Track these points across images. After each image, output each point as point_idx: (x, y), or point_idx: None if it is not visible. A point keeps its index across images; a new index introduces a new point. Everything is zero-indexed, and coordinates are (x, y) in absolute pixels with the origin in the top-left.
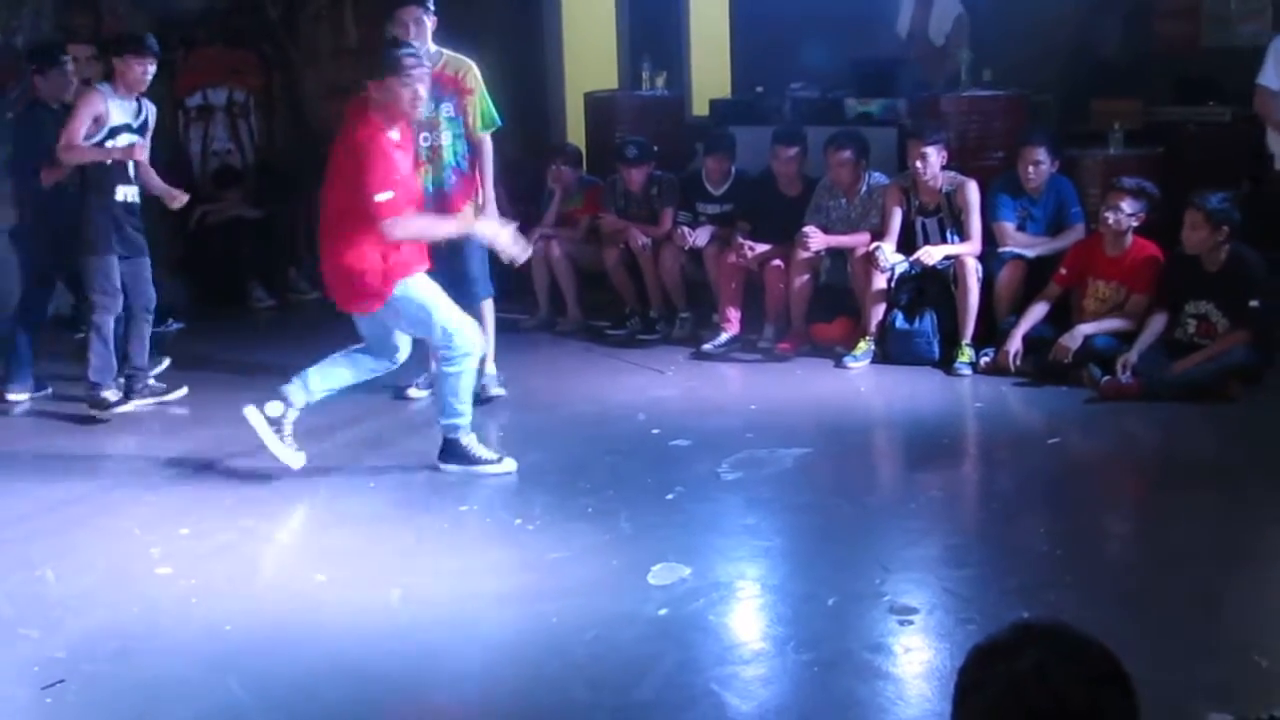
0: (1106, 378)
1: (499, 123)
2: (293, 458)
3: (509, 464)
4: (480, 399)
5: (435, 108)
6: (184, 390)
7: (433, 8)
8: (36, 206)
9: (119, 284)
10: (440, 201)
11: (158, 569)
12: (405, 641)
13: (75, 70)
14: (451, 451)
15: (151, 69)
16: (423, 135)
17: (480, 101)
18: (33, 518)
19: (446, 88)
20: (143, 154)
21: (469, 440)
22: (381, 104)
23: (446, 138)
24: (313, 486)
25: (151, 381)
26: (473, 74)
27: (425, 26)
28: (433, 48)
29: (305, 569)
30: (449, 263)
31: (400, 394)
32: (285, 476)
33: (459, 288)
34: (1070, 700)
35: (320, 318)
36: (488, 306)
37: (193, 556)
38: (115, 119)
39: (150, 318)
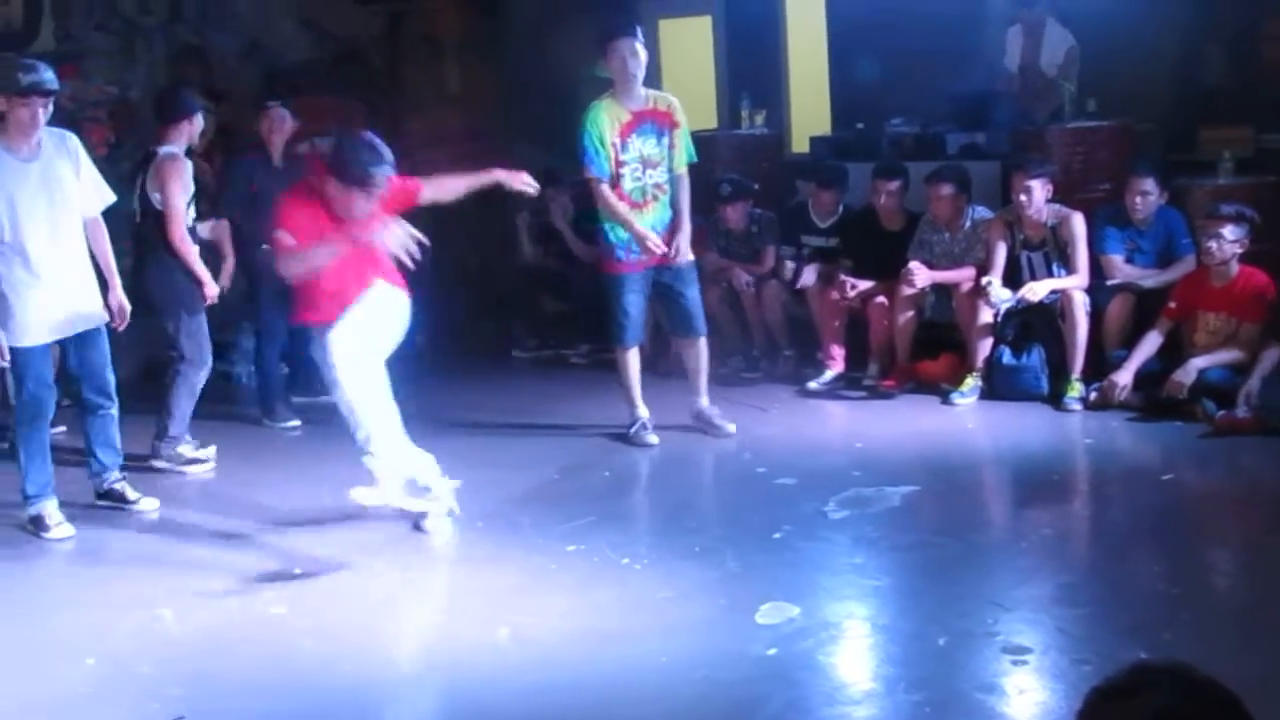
0: (1221, 412)
1: (695, 157)
2: (417, 504)
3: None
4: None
5: (656, 143)
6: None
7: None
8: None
9: (209, 344)
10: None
11: (272, 609)
12: (513, 681)
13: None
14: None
15: (200, 124)
16: (648, 173)
17: (685, 135)
18: (150, 558)
19: (663, 123)
20: (212, 298)
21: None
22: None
23: (664, 174)
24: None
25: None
26: (678, 108)
27: (640, 59)
28: (641, 91)
29: (415, 609)
30: (670, 299)
31: None
32: (391, 518)
33: (680, 323)
34: None
35: (424, 359)
36: (704, 342)
37: (305, 597)
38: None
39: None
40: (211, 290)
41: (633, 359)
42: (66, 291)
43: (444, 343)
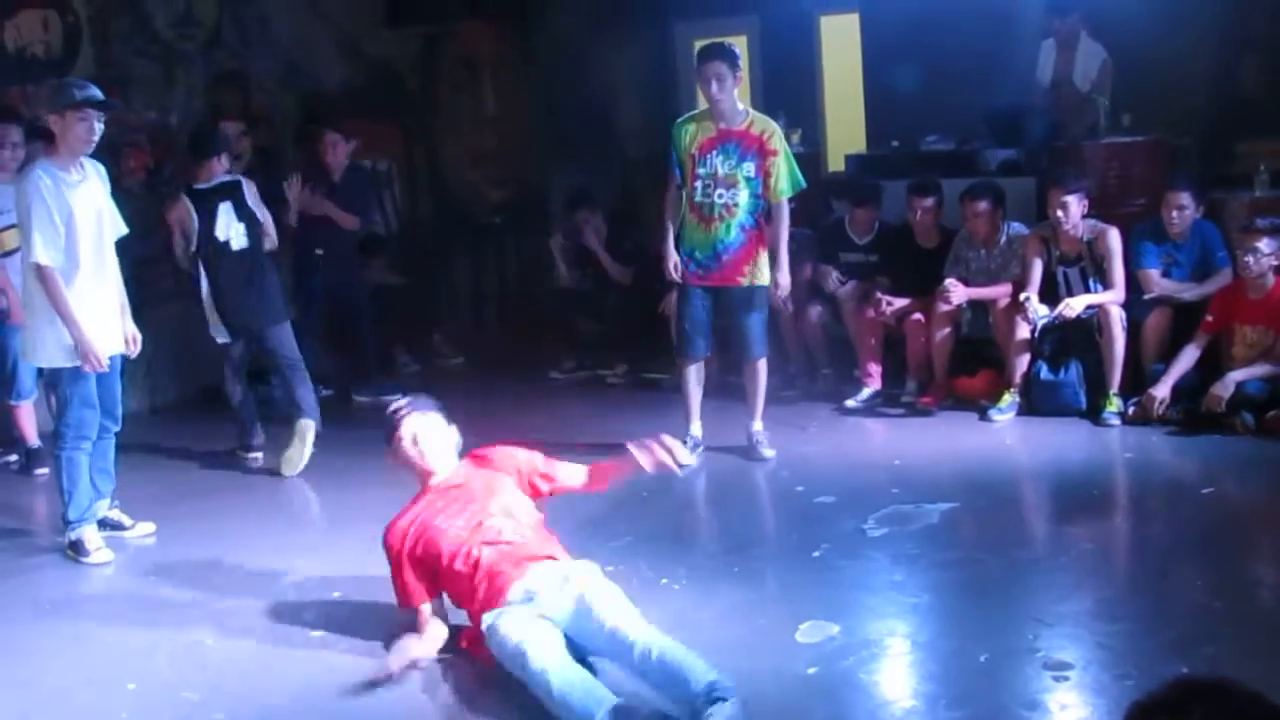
0: (1272, 413)
1: (804, 184)
2: None
3: None
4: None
5: (736, 165)
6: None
7: (738, 65)
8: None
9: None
10: (723, 260)
11: (311, 633)
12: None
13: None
14: None
15: (227, 162)
16: (719, 192)
17: (785, 163)
18: (192, 580)
19: (750, 147)
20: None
21: None
22: None
23: (744, 196)
24: None
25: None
26: (778, 136)
27: (728, 83)
28: (739, 106)
29: (453, 632)
30: (729, 321)
31: None
32: None
33: (737, 346)
34: None
35: (464, 382)
36: (761, 365)
37: (344, 622)
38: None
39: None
40: None
41: (691, 373)
42: (103, 313)
43: (482, 364)
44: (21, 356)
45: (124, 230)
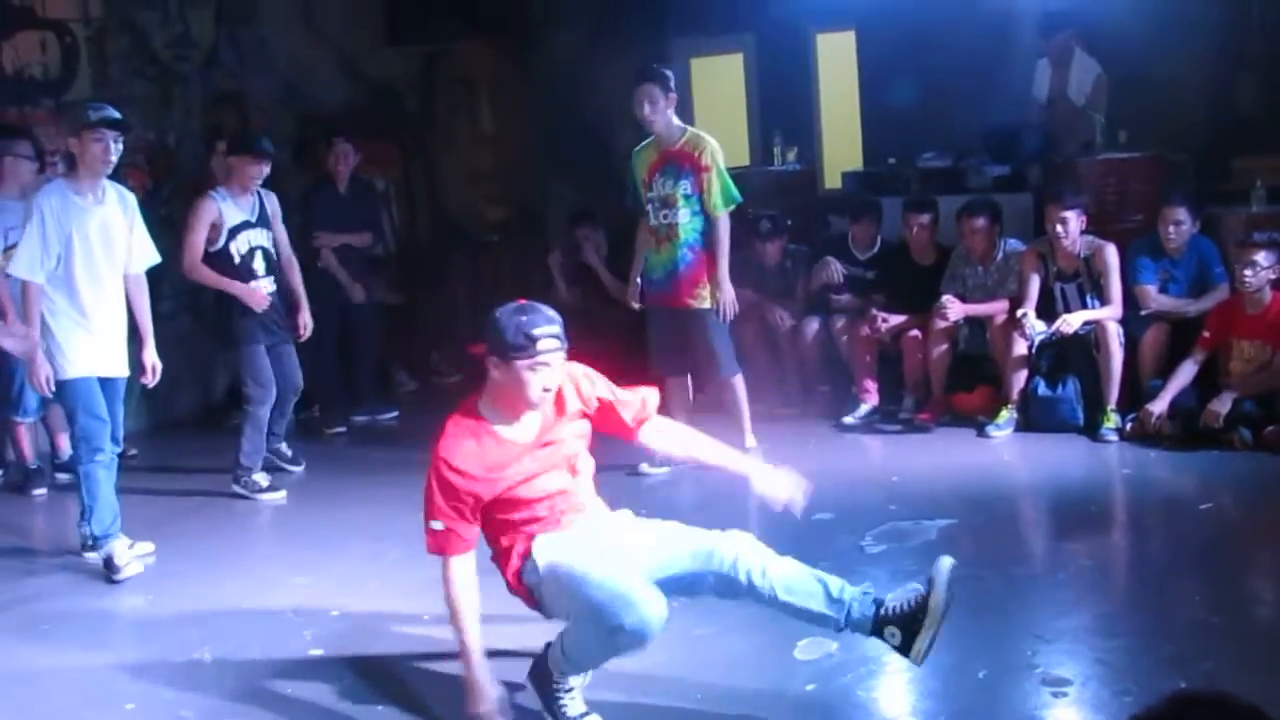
0: (1270, 428)
1: (739, 199)
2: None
3: None
4: None
5: (674, 184)
6: (301, 467)
7: (670, 86)
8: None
9: (270, 374)
10: (674, 281)
11: (311, 650)
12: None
13: (224, 165)
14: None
15: (263, 170)
16: (664, 213)
17: (718, 178)
18: (190, 599)
19: (685, 165)
20: (264, 302)
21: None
22: None
23: (684, 215)
24: None
25: (281, 447)
26: (709, 151)
27: (660, 104)
28: (676, 124)
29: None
30: (696, 344)
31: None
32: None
33: (705, 369)
34: None
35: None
36: (735, 382)
37: (343, 640)
38: (232, 219)
39: (294, 397)
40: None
41: (671, 391)
42: (105, 336)
43: (480, 381)
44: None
45: (155, 259)
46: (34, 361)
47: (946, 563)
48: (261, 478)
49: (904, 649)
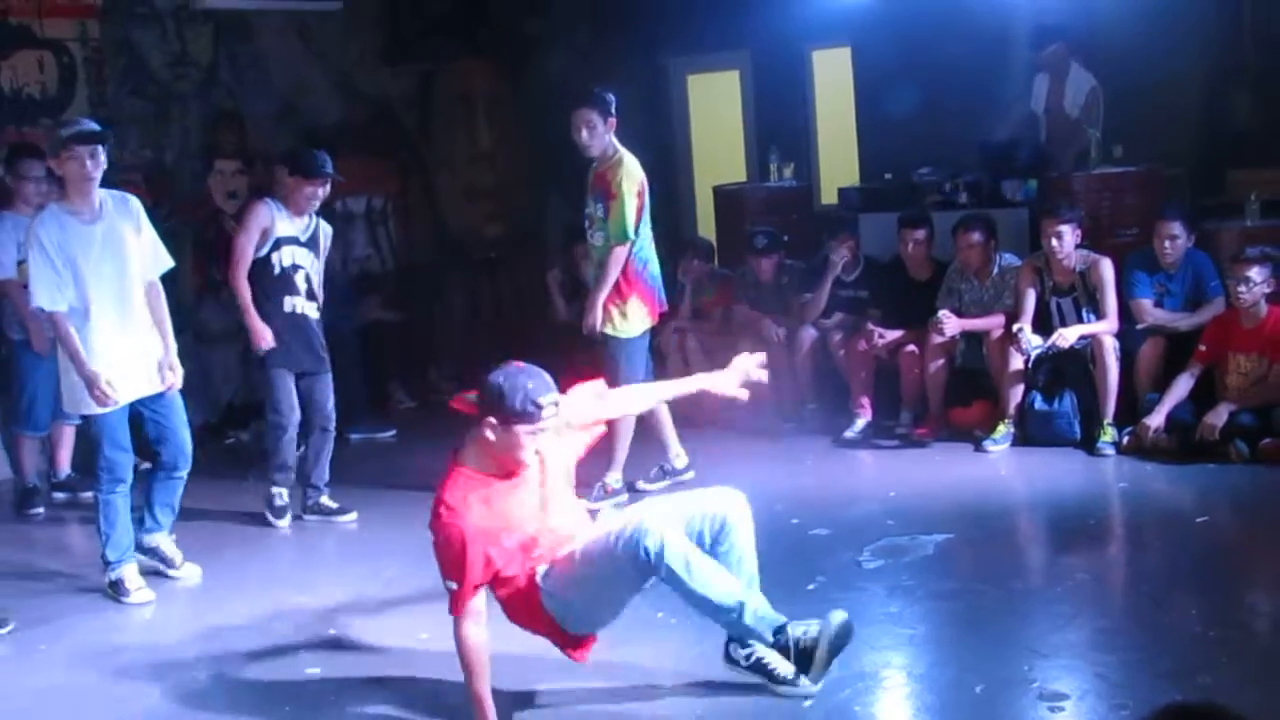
0: (1267, 440)
1: (629, 236)
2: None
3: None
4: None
5: (594, 206)
6: (354, 515)
7: (610, 109)
8: None
9: (294, 399)
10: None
11: (308, 670)
12: None
13: (222, 183)
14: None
15: (322, 192)
16: (591, 233)
17: (619, 208)
18: (188, 617)
19: (600, 189)
20: (265, 343)
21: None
22: None
23: (599, 239)
24: None
25: (324, 500)
26: (620, 180)
27: (598, 129)
28: (612, 146)
29: (447, 667)
30: (604, 368)
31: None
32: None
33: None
34: None
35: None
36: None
37: (341, 658)
38: (282, 230)
39: (330, 431)
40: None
41: None
42: (136, 355)
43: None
44: (64, 407)
45: (169, 263)
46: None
47: (838, 618)
48: (281, 493)
49: (777, 680)
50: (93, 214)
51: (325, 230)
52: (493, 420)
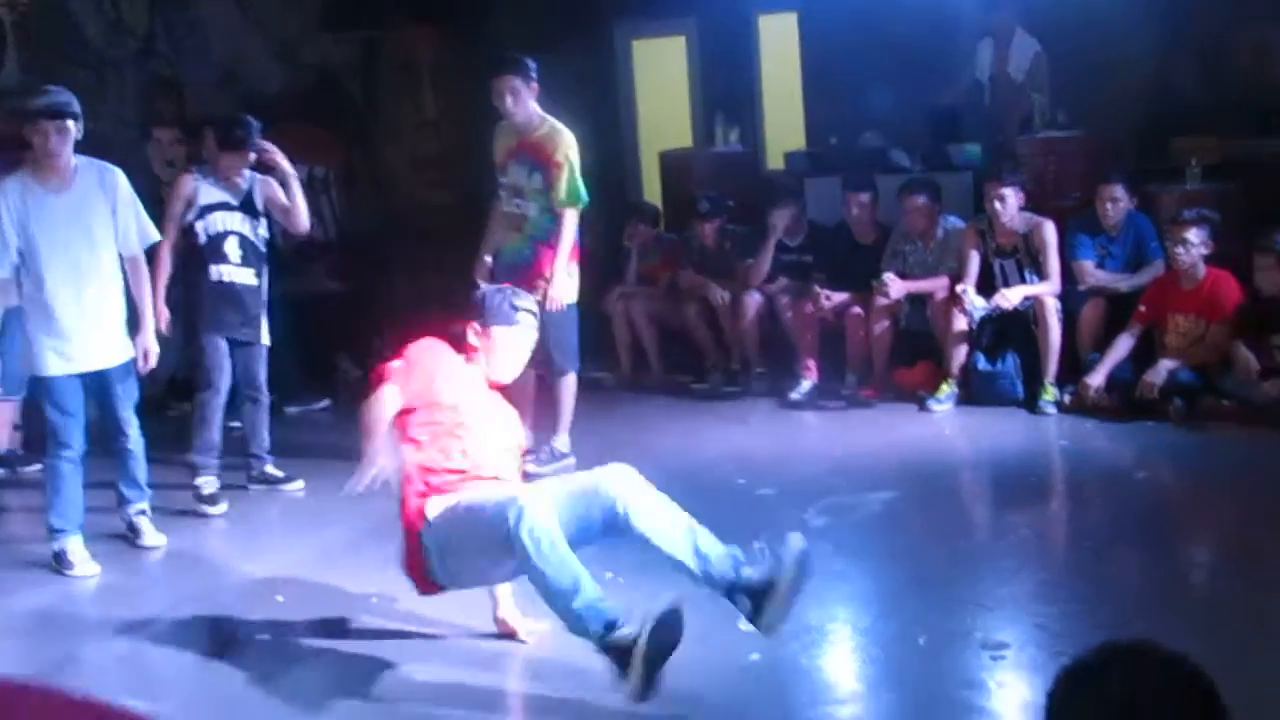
0: (1205, 398)
1: (584, 200)
2: None
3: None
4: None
5: (527, 177)
6: (300, 484)
7: (533, 75)
8: None
9: (225, 365)
10: (520, 273)
11: (258, 635)
12: (504, 696)
13: (159, 152)
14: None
15: (243, 162)
16: (516, 201)
17: (568, 174)
18: (129, 591)
19: (539, 159)
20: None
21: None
22: None
23: (533, 210)
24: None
25: (269, 469)
26: (563, 148)
27: (522, 95)
28: (536, 114)
29: (406, 640)
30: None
31: None
32: (379, 547)
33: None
34: (1161, 718)
35: None
36: (566, 382)
37: (287, 625)
38: (207, 198)
39: (263, 401)
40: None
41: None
42: (92, 327)
43: None
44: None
45: (154, 237)
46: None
47: (797, 541)
48: (208, 482)
49: (753, 618)
50: (61, 184)
51: (266, 188)
52: (476, 325)
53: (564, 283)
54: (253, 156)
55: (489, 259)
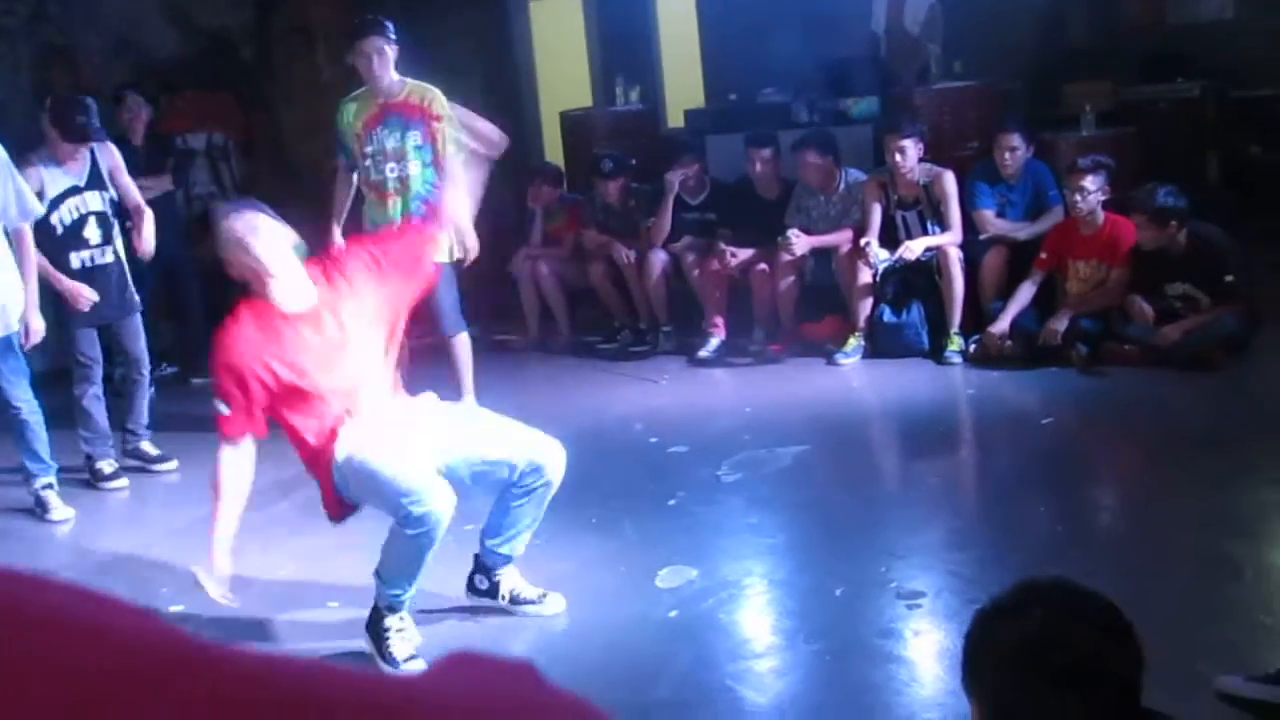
0: (1107, 343)
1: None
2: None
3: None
4: None
5: (402, 137)
6: (174, 464)
7: (394, 37)
8: None
9: (96, 352)
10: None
11: (171, 607)
12: (420, 656)
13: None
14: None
15: (77, 152)
16: (390, 166)
17: (449, 125)
18: (51, 567)
19: (412, 117)
20: (85, 300)
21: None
22: None
23: (415, 168)
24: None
25: (144, 445)
26: (439, 101)
27: (388, 57)
28: (395, 77)
29: (318, 598)
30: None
31: None
32: (307, 521)
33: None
34: (1079, 651)
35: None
36: (458, 341)
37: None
38: (55, 187)
39: (144, 377)
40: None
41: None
42: None
43: None
44: None
45: (39, 211)
46: None
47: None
48: (106, 465)
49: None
50: None
51: (107, 156)
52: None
53: (465, 231)
54: (89, 144)
55: (338, 234)
